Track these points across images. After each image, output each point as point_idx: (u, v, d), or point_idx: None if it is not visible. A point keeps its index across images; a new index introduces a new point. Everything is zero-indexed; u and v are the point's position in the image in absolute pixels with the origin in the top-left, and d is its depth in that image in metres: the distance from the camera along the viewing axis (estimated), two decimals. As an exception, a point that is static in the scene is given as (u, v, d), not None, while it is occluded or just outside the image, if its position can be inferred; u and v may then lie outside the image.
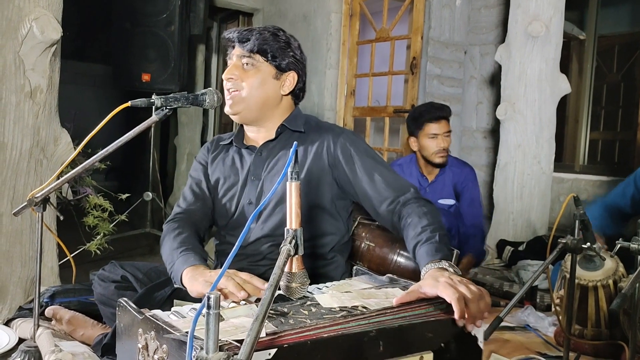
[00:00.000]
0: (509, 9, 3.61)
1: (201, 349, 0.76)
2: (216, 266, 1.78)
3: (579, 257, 1.72)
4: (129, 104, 1.47)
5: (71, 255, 1.77)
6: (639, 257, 1.50)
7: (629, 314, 1.59)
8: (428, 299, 1.15)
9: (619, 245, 1.58)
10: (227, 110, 1.62)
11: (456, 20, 4.74)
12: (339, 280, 1.55)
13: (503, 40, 3.69)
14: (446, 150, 2.95)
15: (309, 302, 1.16)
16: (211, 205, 1.73)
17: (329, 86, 4.35)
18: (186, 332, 0.96)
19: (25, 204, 1.55)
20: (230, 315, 1.08)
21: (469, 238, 2.95)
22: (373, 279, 1.37)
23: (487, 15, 4.72)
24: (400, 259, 2.02)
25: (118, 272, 1.79)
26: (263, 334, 0.94)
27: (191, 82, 5.14)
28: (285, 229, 1.08)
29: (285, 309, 1.10)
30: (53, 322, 2.01)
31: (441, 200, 2.97)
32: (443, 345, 1.08)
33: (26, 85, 2.15)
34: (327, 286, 1.29)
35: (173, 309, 1.12)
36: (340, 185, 1.64)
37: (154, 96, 1.53)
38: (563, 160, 4.52)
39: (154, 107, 1.50)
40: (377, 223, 1.91)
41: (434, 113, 2.93)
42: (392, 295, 1.19)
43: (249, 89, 1.59)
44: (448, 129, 2.94)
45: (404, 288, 1.25)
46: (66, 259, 1.87)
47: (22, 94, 2.14)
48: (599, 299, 1.88)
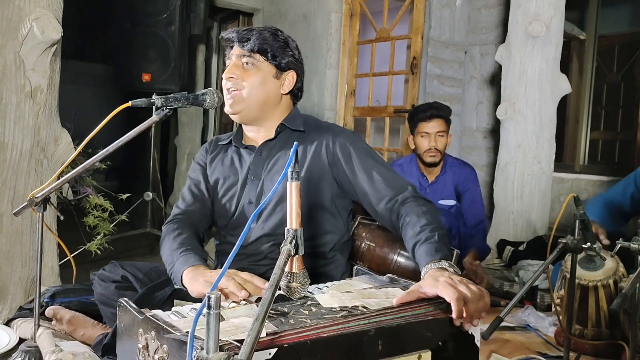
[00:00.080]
0: (509, 9, 3.61)
1: (201, 349, 0.76)
2: (216, 266, 1.78)
3: (579, 257, 1.72)
4: (129, 104, 1.47)
5: (71, 255, 1.77)
6: (639, 257, 1.50)
7: (629, 314, 1.59)
8: (428, 299, 1.15)
9: (619, 245, 1.58)
10: (227, 109, 1.62)
11: (456, 20, 4.74)
12: (339, 280, 1.55)
13: (503, 40, 3.69)
14: (438, 150, 2.91)
15: (309, 302, 1.16)
16: (210, 205, 1.73)
17: (329, 86, 4.34)
18: (186, 332, 0.96)
19: (25, 204, 1.55)
20: (230, 315, 1.08)
21: (471, 238, 2.95)
22: (373, 279, 1.37)
23: (488, 15, 4.72)
24: (401, 259, 2.02)
25: (118, 272, 1.79)
26: (263, 334, 0.94)
27: (191, 82, 5.14)
28: (285, 229, 1.08)
29: (285, 309, 1.10)
30: (53, 322, 2.01)
31: (442, 201, 2.97)
32: (441, 344, 1.09)
33: (26, 85, 2.15)
34: (328, 286, 1.29)
35: (173, 309, 1.12)
36: (339, 184, 1.64)
37: (154, 96, 1.53)
38: (563, 160, 4.52)
39: (154, 107, 1.50)
40: (378, 223, 1.91)
41: (427, 112, 2.94)
42: (393, 295, 1.19)
43: (249, 88, 1.59)
44: (442, 129, 2.91)
45: (404, 288, 1.25)
46: (66, 259, 1.86)
47: (23, 94, 2.14)
48: (599, 298, 1.88)
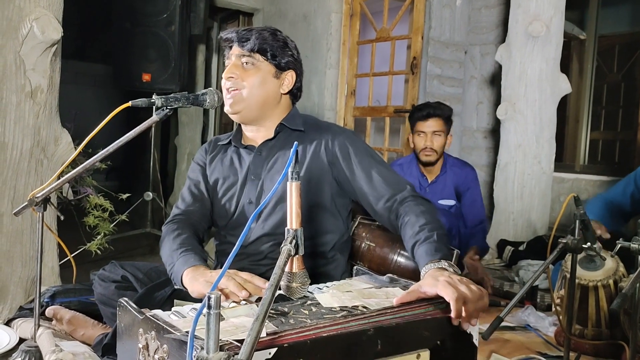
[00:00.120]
0: (509, 8, 3.61)
1: (202, 348, 0.76)
2: (216, 266, 1.77)
3: (579, 257, 1.72)
4: (129, 104, 1.47)
5: (72, 255, 1.77)
6: (639, 257, 1.50)
7: (630, 314, 1.59)
8: (428, 299, 1.15)
9: (619, 245, 1.58)
10: (227, 109, 1.62)
11: (456, 20, 4.74)
12: (339, 279, 1.55)
13: (503, 40, 3.69)
14: (433, 149, 2.90)
15: (309, 302, 1.16)
16: (210, 206, 1.73)
17: (329, 86, 4.34)
18: (187, 332, 0.96)
19: (25, 203, 1.55)
20: (230, 315, 1.08)
21: (471, 237, 2.95)
22: (373, 279, 1.37)
23: (488, 15, 4.72)
24: (401, 258, 2.02)
25: (118, 272, 1.79)
26: (263, 334, 0.94)
27: (191, 82, 5.14)
28: (285, 228, 1.08)
29: (285, 309, 1.10)
30: (53, 322, 2.02)
31: (441, 201, 2.97)
32: (439, 342, 1.09)
33: (27, 85, 2.15)
34: (328, 286, 1.29)
35: (173, 308, 1.12)
36: (339, 183, 1.64)
37: (154, 96, 1.53)
38: (563, 160, 4.51)
39: (154, 107, 1.51)
40: (378, 223, 1.91)
41: (423, 111, 2.94)
42: (393, 295, 1.19)
43: (249, 88, 1.59)
44: (439, 129, 2.90)
45: (404, 288, 1.25)
46: (67, 259, 1.86)
47: (23, 94, 2.14)
48: (599, 298, 1.88)
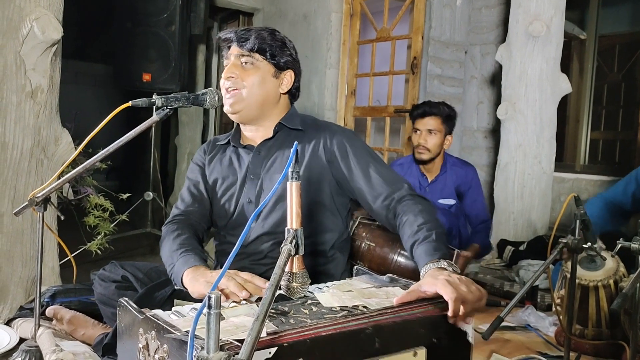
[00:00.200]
0: (509, 8, 3.60)
1: (202, 348, 0.76)
2: (216, 266, 1.78)
3: (579, 257, 1.71)
4: (129, 103, 1.47)
5: (72, 255, 1.77)
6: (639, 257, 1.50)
7: (630, 314, 1.59)
8: (429, 298, 1.15)
9: (620, 245, 1.58)
10: (227, 109, 1.62)
11: (457, 20, 4.74)
12: (339, 278, 1.55)
13: (504, 40, 3.69)
14: (426, 147, 2.89)
15: (309, 302, 1.16)
16: (209, 206, 1.73)
17: (329, 86, 4.34)
18: (187, 332, 0.96)
19: (26, 203, 1.55)
20: (230, 315, 1.08)
21: (475, 234, 2.95)
22: (374, 279, 1.37)
23: (488, 15, 4.71)
24: (401, 258, 2.02)
25: (118, 272, 1.79)
26: (264, 334, 0.94)
27: (192, 82, 5.14)
28: (285, 228, 1.08)
29: (285, 309, 1.10)
30: (54, 322, 2.02)
31: (441, 200, 2.97)
32: (435, 340, 1.10)
33: (27, 85, 2.15)
34: (328, 286, 1.29)
35: (174, 308, 1.12)
36: (337, 182, 1.64)
37: (154, 96, 1.53)
38: (564, 160, 4.51)
39: (154, 107, 1.51)
40: (378, 223, 1.91)
41: (420, 108, 2.96)
42: (393, 295, 1.19)
43: (249, 87, 1.59)
44: (434, 127, 2.89)
45: (404, 287, 1.25)
46: (67, 259, 1.86)
47: (23, 94, 2.14)
48: (599, 298, 1.88)
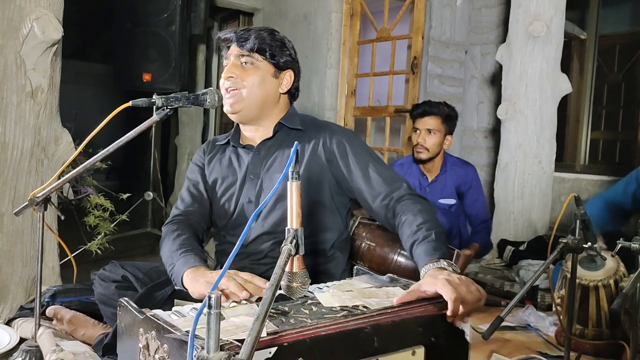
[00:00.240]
0: (509, 8, 3.60)
1: (202, 348, 0.76)
2: (216, 266, 1.78)
3: (580, 257, 1.71)
4: (130, 103, 1.47)
5: (72, 255, 1.77)
6: (640, 257, 1.50)
7: (630, 314, 1.59)
8: (429, 298, 1.15)
9: (620, 245, 1.58)
10: (227, 109, 1.63)
11: (457, 20, 4.74)
12: (339, 278, 1.55)
13: (504, 40, 3.69)
14: (424, 147, 2.89)
15: (309, 302, 1.16)
16: (209, 206, 1.73)
17: (329, 86, 4.34)
18: (187, 332, 0.96)
19: (26, 203, 1.55)
20: (231, 315, 1.08)
21: (475, 234, 2.95)
22: (374, 279, 1.37)
23: (488, 15, 4.71)
24: (401, 258, 2.02)
25: (119, 272, 1.79)
26: (264, 334, 0.94)
27: (192, 82, 5.13)
28: (286, 228, 1.08)
29: (286, 308, 1.10)
30: (54, 322, 2.02)
31: (442, 200, 2.97)
32: (433, 339, 1.11)
33: (27, 85, 2.15)
34: (328, 286, 1.29)
35: (174, 308, 1.12)
36: (337, 181, 1.65)
37: (154, 96, 1.53)
38: (564, 160, 4.51)
39: (154, 107, 1.50)
40: (378, 223, 1.91)
41: (420, 108, 2.96)
42: (393, 295, 1.19)
43: (249, 87, 1.60)
44: (433, 127, 2.88)
45: (404, 287, 1.25)
46: (67, 259, 1.86)
47: (23, 94, 2.14)
48: (600, 298, 1.88)
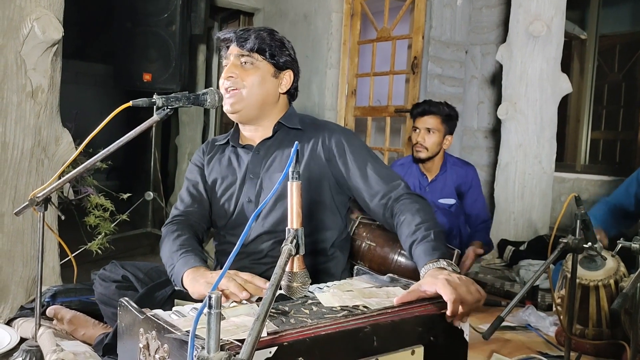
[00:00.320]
0: (510, 8, 3.61)
1: (202, 348, 0.76)
2: (216, 267, 1.78)
3: (580, 257, 1.71)
4: (130, 103, 1.47)
5: (72, 255, 1.77)
6: (640, 257, 1.50)
7: (631, 314, 1.59)
8: (429, 298, 1.15)
9: (620, 245, 1.58)
10: (227, 108, 1.63)
11: (457, 20, 4.74)
12: (339, 277, 1.55)
13: (504, 39, 3.69)
14: (424, 146, 2.88)
15: (310, 302, 1.16)
16: (208, 206, 1.73)
17: (329, 86, 4.34)
18: (187, 332, 0.96)
19: (26, 203, 1.55)
20: (231, 314, 1.08)
21: (475, 233, 2.94)
22: (374, 279, 1.37)
23: (488, 15, 4.71)
24: (401, 258, 2.02)
25: (119, 272, 1.79)
26: (264, 334, 0.94)
27: (192, 82, 5.13)
28: (286, 228, 1.08)
29: (286, 308, 1.10)
30: (54, 322, 2.01)
31: (441, 200, 2.96)
32: (432, 338, 1.11)
33: (27, 85, 2.15)
34: (328, 286, 1.29)
35: (174, 308, 1.12)
36: (336, 180, 1.65)
37: (155, 96, 1.52)
38: (564, 160, 4.51)
39: (155, 107, 1.50)
40: (378, 222, 1.91)
41: (420, 107, 2.96)
42: (393, 295, 1.19)
43: (249, 87, 1.60)
44: (432, 126, 2.88)
45: (405, 287, 1.25)
46: (67, 259, 1.87)
47: (24, 94, 2.14)
48: (600, 298, 1.88)
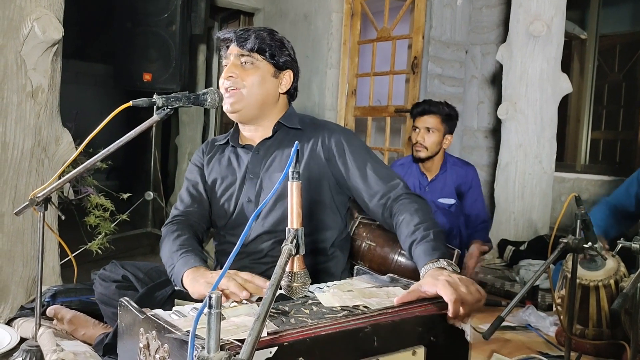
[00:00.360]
0: (510, 8, 3.60)
1: (202, 348, 0.76)
2: (216, 267, 1.78)
3: (580, 257, 1.71)
4: (130, 103, 1.47)
5: (72, 255, 1.77)
6: (640, 257, 1.50)
7: (631, 314, 1.59)
8: (429, 298, 1.15)
9: (621, 245, 1.58)
10: (227, 108, 1.63)
11: (457, 20, 4.74)
12: (339, 277, 1.55)
13: (504, 39, 3.69)
14: (423, 145, 2.88)
15: (310, 302, 1.16)
16: (208, 206, 1.74)
17: (330, 86, 4.34)
18: (187, 332, 0.96)
19: (26, 203, 1.55)
20: (231, 314, 1.08)
21: (475, 233, 2.95)
22: (374, 279, 1.37)
23: (489, 15, 4.71)
24: (402, 258, 2.02)
25: (119, 272, 1.79)
26: (264, 334, 0.94)
27: (192, 82, 5.13)
28: (286, 228, 1.08)
29: (286, 308, 1.10)
30: (54, 322, 2.02)
31: (441, 199, 2.96)
32: (434, 339, 1.11)
33: (28, 85, 2.15)
34: (329, 286, 1.29)
35: (174, 308, 1.12)
36: (335, 180, 1.65)
37: (155, 96, 1.52)
38: (564, 159, 4.51)
39: (155, 107, 1.50)
40: (378, 222, 1.91)
41: (420, 107, 2.96)
42: (393, 295, 1.19)
43: (249, 87, 1.60)
44: (432, 125, 2.88)
45: (405, 287, 1.25)
46: (67, 259, 1.87)
47: (24, 94, 2.14)
48: (600, 298, 1.88)
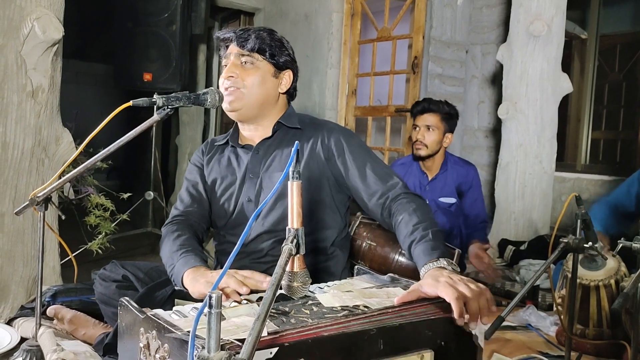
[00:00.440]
0: (510, 8, 3.60)
1: (203, 348, 0.76)
2: (216, 266, 1.78)
3: (580, 257, 1.71)
4: (130, 103, 1.47)
5: (73, 255, 1.77)
6: (641, 257, 1.50)
7: (631, 314, 1.58)
8: (429, 298, 1.15)
9: (621, 245, 1.58)
10: (227, 107, 1.63)
11: (458, 20, 4.74)
12: (339, 276, 1.55)
13: (505, 39, 3.69)
14: (424, 143, 2.88)
15: (310, 302, 1.16)
16: (208, 206, 1.74)
17: (330, 86, 4.34)
18: (188, 332, 0.96)
19: (27, 203, 1.55)
20: (231, 314, 1.08)
21: (474, 233, 2.94)
22: (375, 279, 1.37)
23: (489, 15, 4.71)
24: (402, 258, 2.02)
25: (119, 272, 1.79)
26: (265, 334, 0.94)
27: (192, 82, 5.13)
28: (286, 228, 1.08)
29: (286, 308, 1.10)
30: (55, 322, 2.02)
31: (442, 199, 2.96)
32: (443, 343, 1.09)
33: (28, 85, 2.15)
34: (329, 285, 1.29)
35: (174, 308, 1.12)
36: (335, 179, 1.65)
37: (155, 96, 1.52)
38: (565, 159, 4.51)
39: (155, 107, 1.50)
40: (378, 222, 1.91)
41: (420, 105, 2.97)
42: (394, 295, 1.19)
43: (249, 86, 1.60)
44: (432, 124, 2.88)
45: (405, 287, 1.25)
46: (68, 259, 1.87)
47: (24, 94, 2.14)
48: (600, 298, 1.88)
